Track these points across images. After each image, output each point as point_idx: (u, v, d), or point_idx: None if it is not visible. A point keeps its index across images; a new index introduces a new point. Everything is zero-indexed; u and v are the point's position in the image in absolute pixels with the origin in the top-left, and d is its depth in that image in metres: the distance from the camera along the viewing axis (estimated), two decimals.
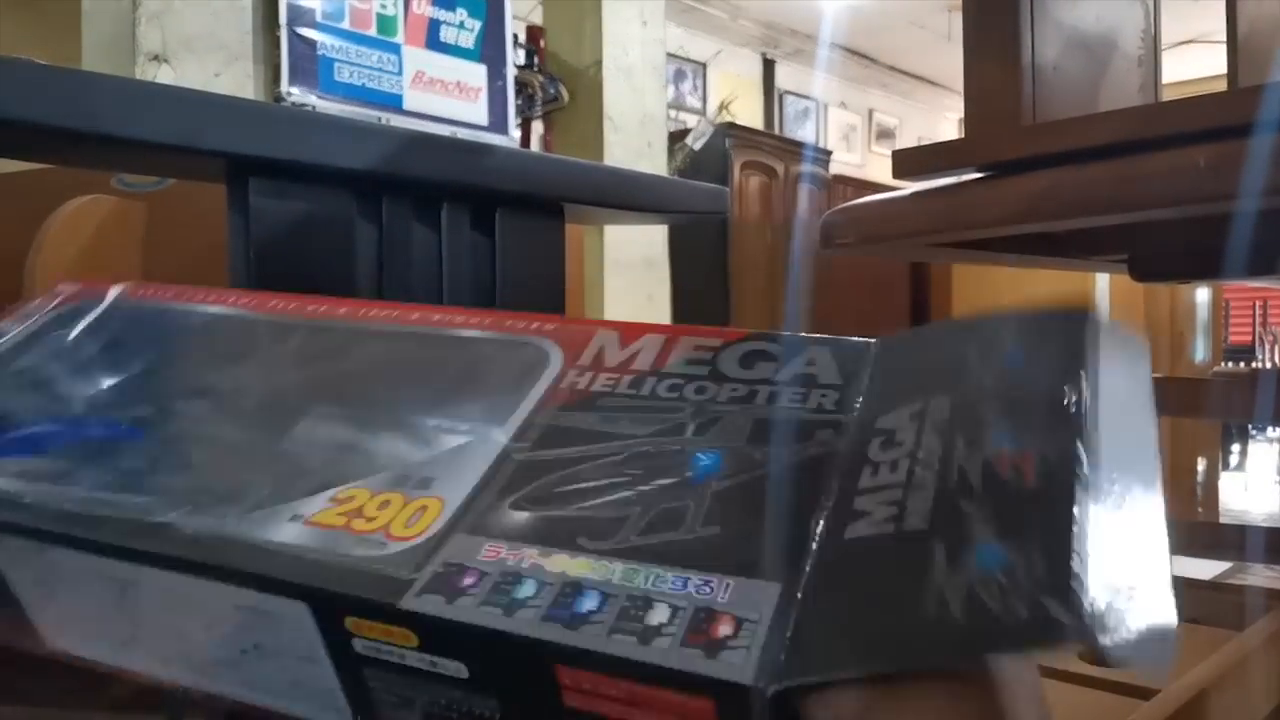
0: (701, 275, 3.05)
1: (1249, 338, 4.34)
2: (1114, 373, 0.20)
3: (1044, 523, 0.16)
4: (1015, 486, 0.17)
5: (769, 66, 4.80)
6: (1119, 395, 0.20)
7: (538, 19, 2.35)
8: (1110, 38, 0.77)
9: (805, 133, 4.78)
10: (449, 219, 0.70)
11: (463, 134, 0.80)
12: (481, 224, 0.72)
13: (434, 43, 0.81)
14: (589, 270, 2.09)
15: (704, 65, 4.43)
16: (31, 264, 1.11)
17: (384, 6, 0.76)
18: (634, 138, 2.25)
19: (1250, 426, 3.70)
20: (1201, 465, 2.30)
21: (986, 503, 0.17)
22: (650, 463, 0.22)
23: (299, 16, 0.72)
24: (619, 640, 0.17)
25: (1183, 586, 0.66)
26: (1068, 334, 0.21)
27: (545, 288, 0.76)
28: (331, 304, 0.30)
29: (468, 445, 0.23)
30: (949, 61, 4.39)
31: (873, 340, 0.25)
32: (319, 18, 0.73)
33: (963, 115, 0.68)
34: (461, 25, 0.81)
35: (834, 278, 3.45)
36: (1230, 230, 0.57)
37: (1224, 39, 0.79)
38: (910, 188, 0.68)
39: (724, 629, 0.17)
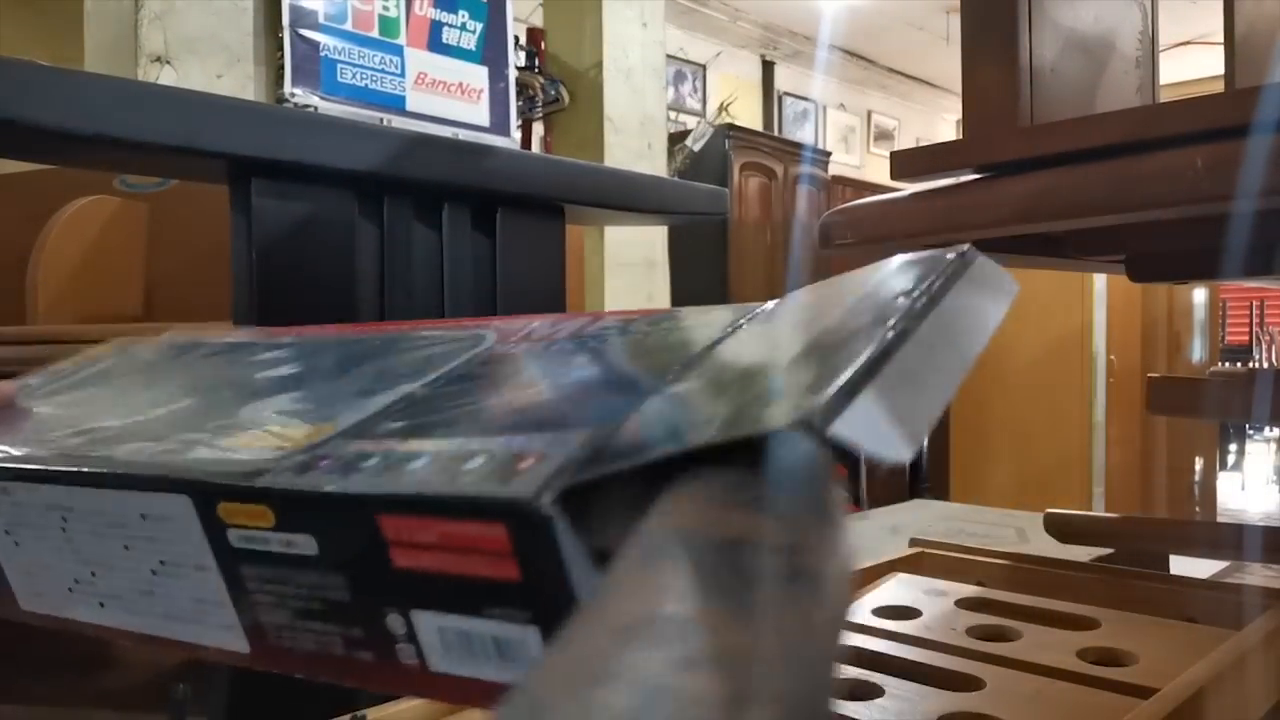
0: (701, 276, 3.05)
1: (1246, 338, 4.35)
2: (967, 288, 0.21)
3: (839, 360, 0.18)
4: (829, 338, 0.19)
5: (768, 68, 4.80)
6: (960, 302, 0.21)
7: (538, 21, 2.36)
8: (1108, 39, 0.77)
9: (804, 134, 4.79)
10: (450, 219, 0.70)
11: (464, 135, 0.80)
12: (482, 224, 0.72)
13: (436, 44, 0.81)
14: (589, 270, 2.10)
15: (704, 67, 4.44)
16: (34, 263, 1.11)
17: (386, 8, 0.77)
18: (634, 139, 2.25)
19: (1247, 426, 3.70)
20: (1199, 465, 2.31)
21: (796, 348, 0.20)
22: (528, 381, 0.24)
23: (301, 18, 0.73)
24: (431, 482, 0.19)
25: (1181, 585, 0.67)
26: (932, 265, 0.22)
27: (545, 288, 0.77)
28: (313, 329, 0.34)
29: (379, 394, 0.25)
30: (947, 63, 4.40)
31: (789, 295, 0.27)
32: (322, 19, 0.74)
33: (961, 116, 0.69)
34: (463, 27, 0.82)
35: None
36: (1227, 231, 0.57)
37: (1221, 40, 0.79)
38: (908, 189, 0.68)
39: (526, 463, 0.18)
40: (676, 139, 3.02)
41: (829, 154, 3.96)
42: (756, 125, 4.37)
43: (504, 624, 0.19)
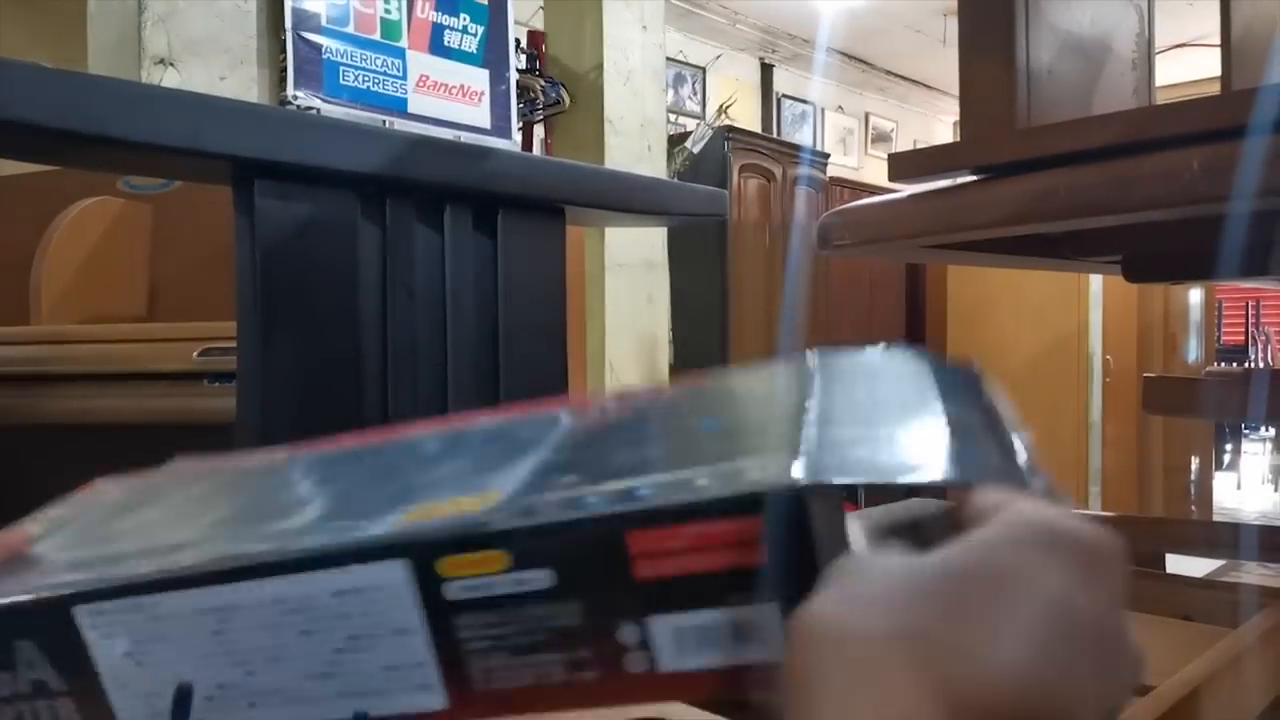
0: (701, 276, 3.06)
1: (1242, 338, 4.36)
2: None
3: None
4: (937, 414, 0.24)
5: (767, 71, 4.81)
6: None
7: (539, 24, 2.36)
8: (1104, 41, 0.78)
9: (803, 136, 4.79)
10: (451, 221, 0.70)
11: (465, 137, 0.81)
12: (483, 226, 0.73)
13: (438, 47, 0.81)
14: (589, 271, 2.10)
15: (703, 69, 4.44)
16: (38, 264, 1.11)
17: (389, 11, 0.77)
18: (634, 141, 2.26)
19: (1243, 426, 3.71)
20: (1194, 464, 2.31)
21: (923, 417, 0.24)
22: (666, 434, 0.27)
23: (304, 21, 0.73)
24: (674, 496, 0.21)
25: (1177, 584, 0.67)
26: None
27: (546, 289, 0.77)
28: (370, 435, 0.34)
29: (514, 463, 0.26)
30: (945, 65, 4.41)
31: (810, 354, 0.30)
32: (324, 22, 0.74)
33: (958, 118, 0.69)
34: (465, 30, 0.82)
35: (831, 279, 3.46)
36: (1223, 231, 0.58)
37: (1217, 42, 0.80)
38: (906, 190, 0.69)
39: (752, 474, 0.21)
40: (676, 141, 3.02)
41: (827, 156, 3.96)
42: (755, 127, 4.37)
43: (744, 609, 0.21)
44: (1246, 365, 3.86)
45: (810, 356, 0.29)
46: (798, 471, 0.20)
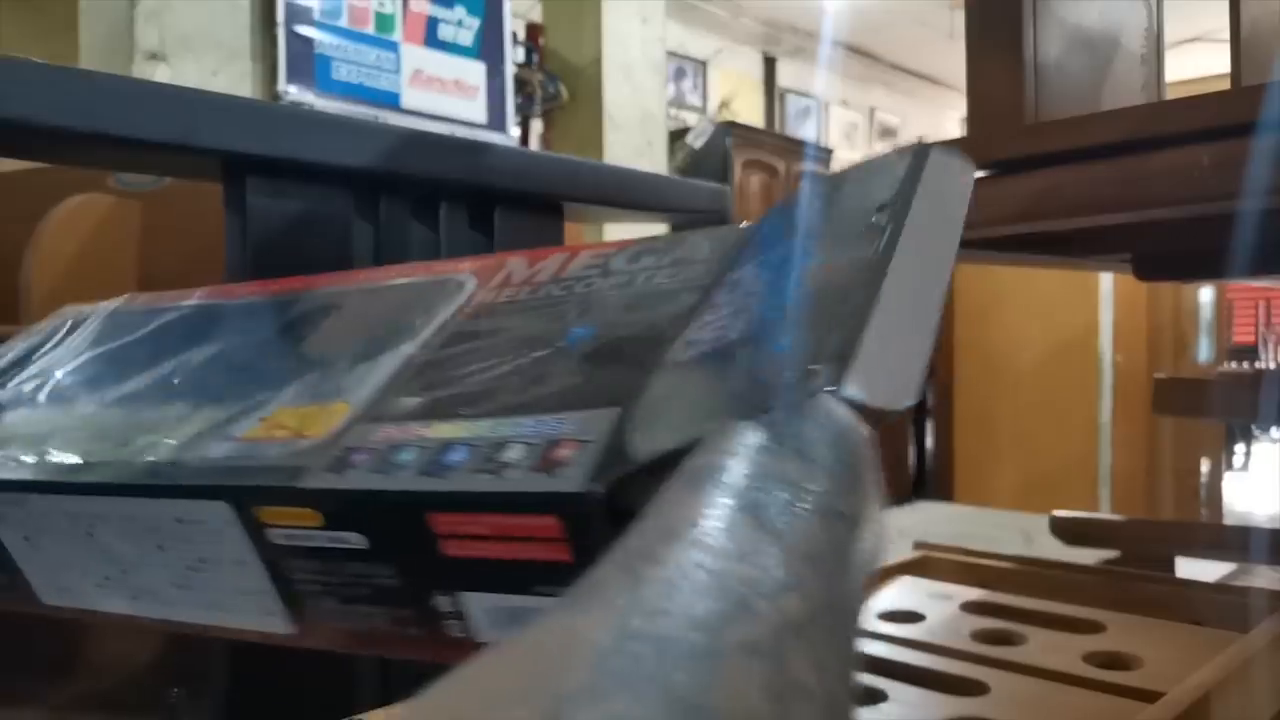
0: None
1: (1253, 338, 4.34)
2: (930, 195, 0.22)
3: (834, 315, 0.19)
4: (822, 291, 0.20)
5: (770, 64, 4.79)
6: (927, 216, 0.22)
7: (537, 16, 2.35)
8: (1113, 36, 0.76)
9: (806, 131, 4.78)
10: (447, 218, 0.70)
11: (461, 132, 0.80)
12: (480, 223, 0.72)
13: (432, 40, 0.80)
14: None
15: (704, 63, 4.43)
16: (28, 262, 1.11)
17: (382, 4, 0.76)
18: (634, 136, 2.25)
19: (1254, 427, 3.69)
20: (1205, 466, 2.29)
21: (795, 309, 0.20)
22: (530, 342, 0.24)
23: (296, 14, 0.72)
24: (478, 479, 0.19)
25: (1187, 588, 0.66)
26: (897, 165, 0.23)
27: None
28: (282, 283, 0.34)
29: (379, 360, 0.26)
30: (951, 59, 4.39)
31: (751, 223, 0.27)
32: (317, 16, 0.73)
33: (965, 113, 0.68)
34: (460, 23, 0.81)
35: None
36: (1234, 229, 0.57)
37: (1227, 37, 0.78)
38: None
39: (564, 452, 0.19)
40: (677, 136, 3.01)
41: (832, 151, 3.95)
42: (758, 122, 4.36)
43: (554, 599, 0.19)
44: (1258, 366, 3.84)
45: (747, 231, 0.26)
46: (596, 482, 0.18)
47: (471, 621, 0.21)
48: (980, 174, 0.62)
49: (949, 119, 5.70)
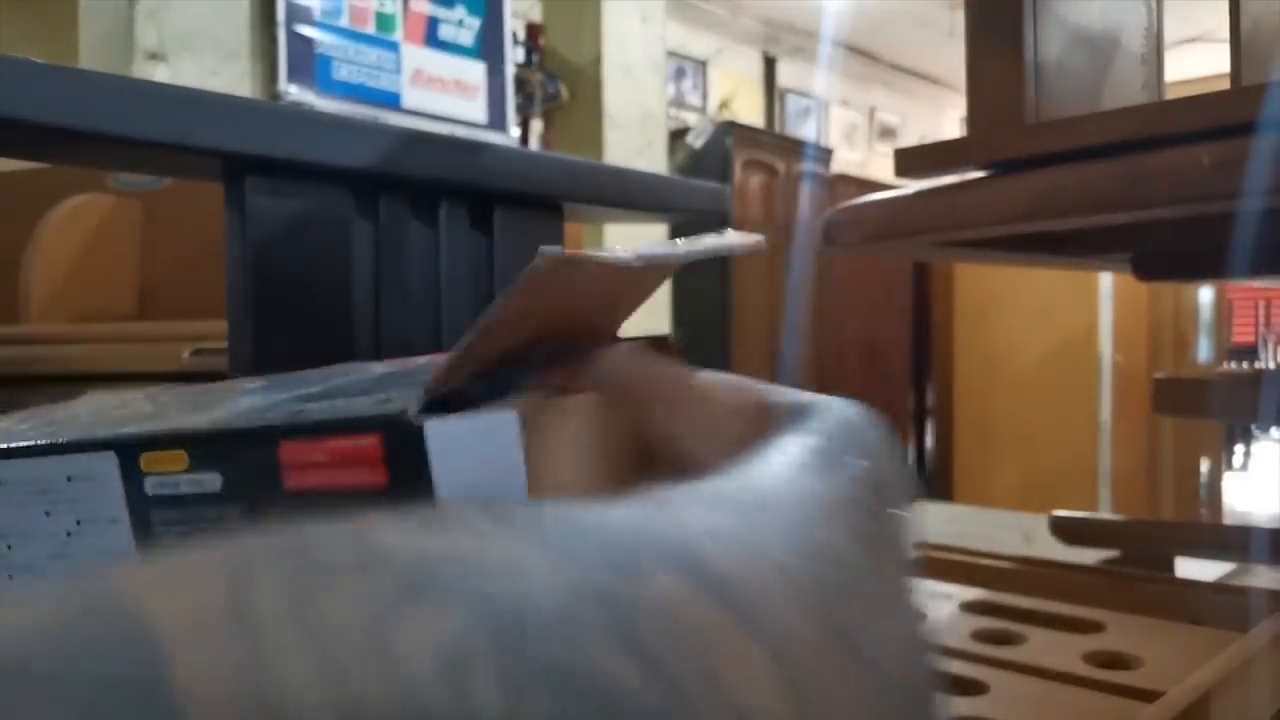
0: (702, 275, 3.05)
1: (1253, 338, 4.33)
2: None
3: None
4: None
5: (770, 64, 4.79)
6: None
7: (537, 16, 2.35)
8: (1113, 36, 0.76)
9: (807, 131, 4.77)
10: (447, 217, 0.70)
11: (461, 132, 0.79)
12: (480, 223, 0.72)
13: (433, 40, 0.80)
14: None
15: (704, 63, 4.43)
16: (27, 263, 1.11)
17: (383, 4, 0.76)
18: (634, 136, 2.25)
19: (1254, 427, 3.69)
20: (1205, 466, 2.29)
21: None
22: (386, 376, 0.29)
23: (297, 14, 0.72)
24: (327, 412, 0.24)
25: (1187, 587, 0.66)
26: None
27: None
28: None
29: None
30: (951, 59, 4.38)
31: None
32: (317, 15, 0.73)
33: (965, 113, 0.68)
34: (460, 23, 0.81)
35: (836, 276, 3.45)
36: (1234, 229, 0.57)
37: (1227, 37, 0.78)
38: (912, 186, 0.68)
39: (401, 404, 0.23)
40: (677, 136, 3.01)
41: (832, 151, 3.95)
42: (758, 122, 4.36)
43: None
44: (1258, 365, 3.84)
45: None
46: (414, 407, 0.22)
47: None
48: (980, 174, 0.62)
49: (949, 119, 5.70)
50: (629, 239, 2.20)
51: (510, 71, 0.75)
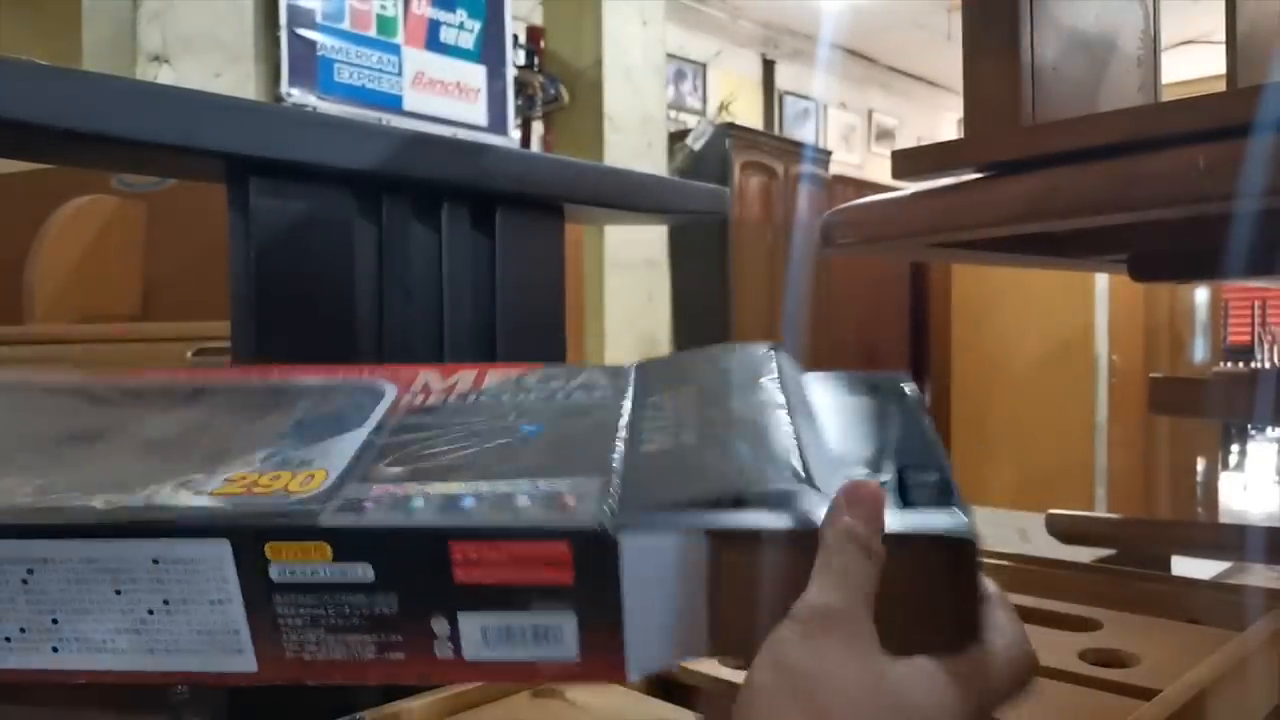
0: (701, 275, 3.05)
1: (1248, 338, 4.34)
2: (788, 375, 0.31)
3: (768, 438, 0.26)
4: (753, 420, 0.27)
5: (769, 67, 4.80)
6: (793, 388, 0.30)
7: (538, 19, 2.35)
8: (1110, 38, 0.77)
9: (805, 133, 4.78)
10: (449, 219, 0.70)
11: (462, 134, 0.80)
12: (481, 224, 0.72)
13: (434, 43, 0.81)
14: (589, 270, 2.09)
15: (704, 65, 4.43)
16: (32, 263, 1.11)
17: (384, 7, 0.77)
18: (634, 138, 2.25)
19: (1250, 427, 3.69)
20: (1201, 465, 2.30)
21: (736, 429, 0.27)
22: (487, 434, 0.29)
23: (299, 17, 0.73)
24: (497, 515, 0.24)
25: (1183, 586, 0.66)
26: (750, 354, 0.32)
27: (545, 287, 0.76)
28: (188, 373, 0.35)
29: (335, 440, 0.28)
30: (949, 62, 4.39)
31: (630, 364, 0.34)
32: (319, 18, 0.73)
33: (962, 115, 0.68)
34: (461, 26, 0.82)
35: (834, 278, 3.45)
36: (1229, 230, 0.57)
37: (1223, 39, 0.79)
38: (910, 188, 0.68)
39: (569, 501, 0.24)
40: (676, 138, 3.01)
41: (830, 153, 3.95)
42: (757, 124, 4.36)
43: (547, 615, 0.24)
44: (1253, 366, 3.85)
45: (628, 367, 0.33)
46: (605, 517, 0.23)
47: (464, 640, 0.24)
48: (977, 175, 0.63)
49: (946, 121, 5.71)
50: (629, 241, 2.20)
51: (511, 74, 0.75)
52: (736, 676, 0.47)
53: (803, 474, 0.24)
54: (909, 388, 0.31)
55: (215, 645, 0.25)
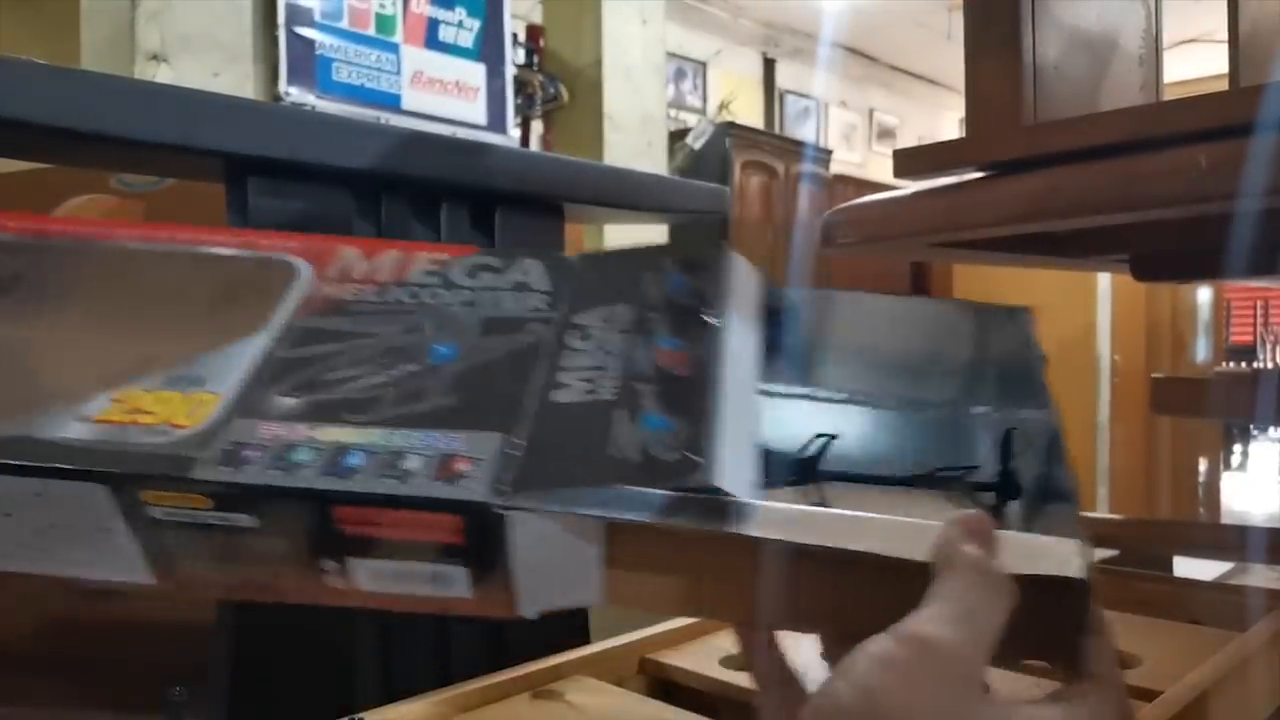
0: None
1: (1251, 338, 4.34)
2: (739, 295, 0.29)
3: (693, 404, 0.25)
4: (675, 376, 0.26)
5: (769, 65, 4.80)
6: (742, 312, 0.28)
7: (537, 18, 2.35)
8: (1111, 37, 0.77)
9: (806, 132, 4.78)
10: (448, 219, 0.70)
11: (462, 133, 0.80)
12: (481, 224, 0.72)
13: (433, 42, 0.80)
14: None
15: (704, 64, 4.43)
16: None
17: (383, 6, 0.76)
18: (634, 137, 2.25)
19: (1252, 427, 3.69)
20: (1203, 465, 2.29)
21: (655, 386, 0.26)
22: (398, 354, 0.27)
23: (297, 16, 0.72)
24: (383, 483, 0.23)
25: (1184, 587, 0.66)
26: (710, 266, 0.30)
27: None
28: (80, 225, 0.34)
29: (234, 347, 0.27)
30: (950, 60, 4.39)
31: (575, 256, 0.32)
32: (317, 17, 0.73)
33: (963, 114, 0.68)
34: (460, 24, 0.81)
35: (835, 277, 3.45)
36: (1232, 230, 0.57)
37: (1225, 38, 0.79)
38: (911, 187, 0.68)
39: (461, 466, 0.23)
40: (677, 137, 3.01)
41: (830, 152, 3.95)
42: (757, 123, 4.36)
43: (439, 565, 0.24)
44: (1256, 365, 3.84)
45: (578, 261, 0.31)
46: (494, 497, 0.22)
47: (352, 575, 0.24)
48: (979, 175, 0.62)
49: (947, 120, 5.70)
50: (629, 240, 2.20)
51: (510, 73, 0.75)
52: (738, 678, 0.47)
53: (701, 454, 0.23)
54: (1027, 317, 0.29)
55: (110, 561, 0.25)
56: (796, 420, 0.28)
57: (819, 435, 0.28)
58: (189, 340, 0.27)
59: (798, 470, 0.26)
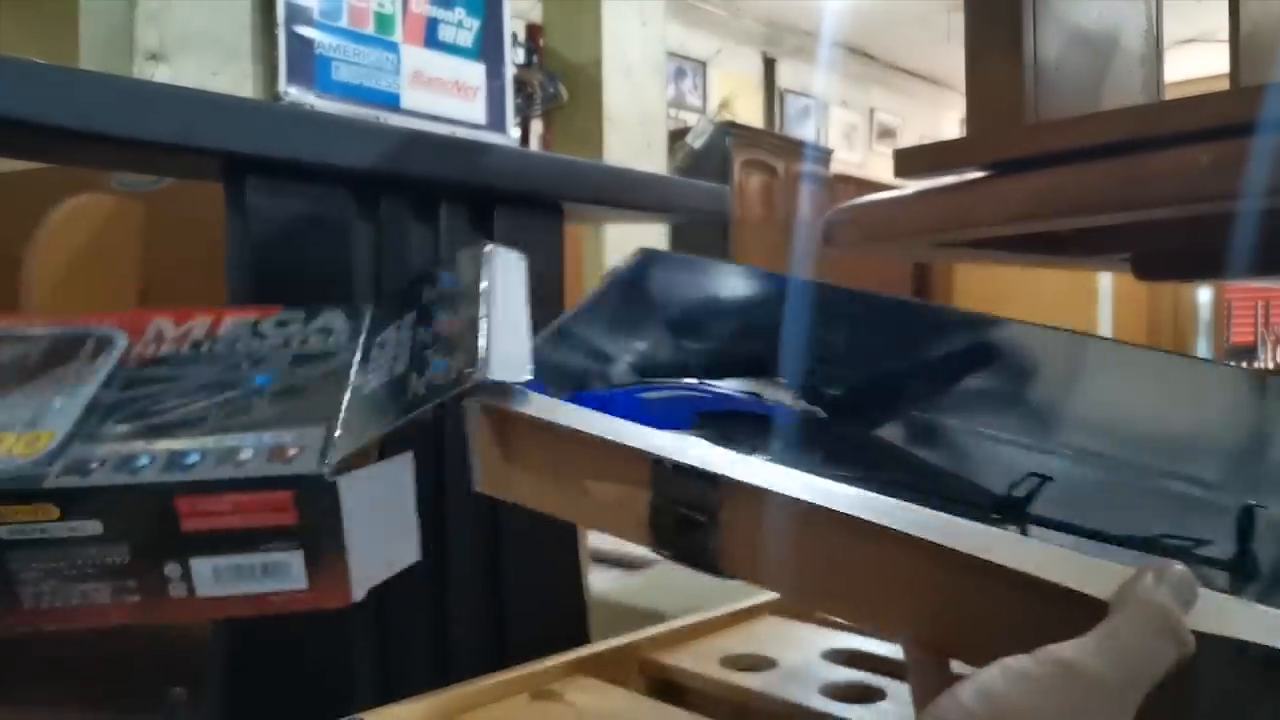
0: None
1: (1251, 338, 4.33)
2: (499, 268, 0.35)
3: (467, 343, 0.30)
4: (450, 334, 0.31)
5: (770, 65, 4.79)
6: (506, 285, 0.34)
7: (537, 17, 2.35)
8: (1113, 36, 0.76)
9: (806, 131, 4.78)
10: (447, 218, 0.70)
11: (461, 133, 0.79)
12: (480, 223, 0.72)
13: (432, 41, 0.80)
14: (589, 270, 2.09)
15: (704, 63, 4.43)
16: (28, 263, 1.11)
17: (382, 5, 0.76)
18: (634, 136, 2.25)
19: None
20: None
21: (437, 347, 0.31)
22: (220, 385, 0.31)
23: (296, 15, 0.72)
24: (220, 469, 0.26)
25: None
26: (473, 258, 0.36)
27: (544, 287, 0.76)
28: None
29: (60, 399, 0.29)
30: (951, 60, 4.38)
31: (369, 305, 0.38)
32: (317, 16, 0.73)
33: (965, 114, 0.68)
34: (460, 24, 0.81)
35: (835, 277, 3.44)
36: (1233, 229, 0.57)
37: (1226, 38, 0.79)
38: (912, 187, 0.68)
39: (291, 451, 0.27)
40: (677, 136, 3.01)
41: (831, 152, 3.95)
42: (758, 122, 4.36)
43: (274, 554, 0.26)
44: (1256, 365, 3.84)
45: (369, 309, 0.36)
46: (324, 466, 0.26)
47: (196, 580, 0.26)
48: (980, 174, 0.62)
49: (948, 119, 5.70)
50: (629, 240, 2.20)
51: (510, 72, 0.75)
52: (738, 678, 0.47)
53: (474, 366, 0.28)
54: None
55: None
56: (1016, 462, 0.28)
57: (1031, 475, 0.28)
58: (16, 400, 0.29)
59: (1002, 508, 0.26)
